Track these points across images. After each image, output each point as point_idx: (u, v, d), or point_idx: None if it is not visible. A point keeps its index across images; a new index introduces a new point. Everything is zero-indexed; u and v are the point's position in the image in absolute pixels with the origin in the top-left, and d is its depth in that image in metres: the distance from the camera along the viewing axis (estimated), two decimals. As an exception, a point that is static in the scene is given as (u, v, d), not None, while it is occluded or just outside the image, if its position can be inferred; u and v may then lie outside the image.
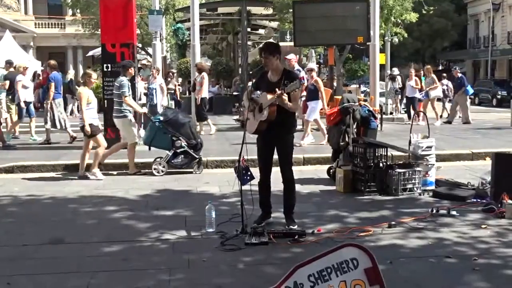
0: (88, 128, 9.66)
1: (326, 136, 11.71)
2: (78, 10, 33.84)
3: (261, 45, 6.73)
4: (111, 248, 5.76)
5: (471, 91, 20.22)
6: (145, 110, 11.17)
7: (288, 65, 12.77)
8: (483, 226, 6.42)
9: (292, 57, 13.93)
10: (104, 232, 6.37)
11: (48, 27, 51.08)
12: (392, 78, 22.08)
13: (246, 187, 6.26)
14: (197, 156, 10.13)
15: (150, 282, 4.82)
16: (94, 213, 7.29)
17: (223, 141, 13.71)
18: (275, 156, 6.52)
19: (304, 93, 13.08)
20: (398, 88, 21.76)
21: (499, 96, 38.44)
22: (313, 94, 13.01)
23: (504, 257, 5.33)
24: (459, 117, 20.28)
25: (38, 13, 51.05)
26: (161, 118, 10.01)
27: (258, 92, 6.29)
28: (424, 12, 30.11)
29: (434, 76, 19.53)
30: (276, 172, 6.60)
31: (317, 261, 3.91)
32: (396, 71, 23.36)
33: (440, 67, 65.71)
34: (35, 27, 50.48)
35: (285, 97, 6.02)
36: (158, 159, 10.09)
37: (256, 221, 6.40)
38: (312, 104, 12.97)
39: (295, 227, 6.30)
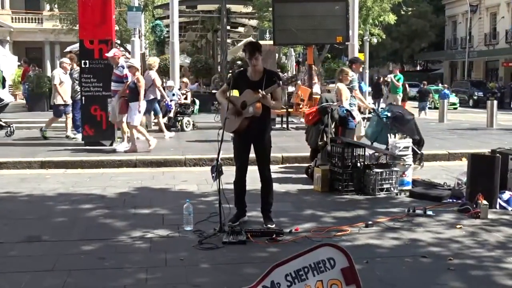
0: None
1: (150, 141, 11.40)
2: (56, 5, 33.49)
3: (248, 43, 6.73)
4: (88, 247, 5.72)
5: (364, 88, 20.57)
6: (372, 105, 11.06)
7: (112, 62, 11.95)
8: (458, 226, 6.49)
9: (113, 52, 12.02)
10: (81, 230, 6.33)
11: (25, 22, 50.51)
12: (387, 85, 24.14)
13: (224, 186, 6.26)
14: (419, 152, 9.91)
15: (127, 280, 4.80)
16: (71, 211, 7.23)
17: (202, 139, 13.68)
18: (251, 155, 6.55)
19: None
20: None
21: (475, 97, 39.00)
22: (134, 94, 11.35)
23: (479, 257, 5.41)
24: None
25: (15, 7, 50.43)
26: (388, 114, 9.92)
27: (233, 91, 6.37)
28: (402, 13, 30.35)
29: (314, 72, 18.77)
30: (252, 171, 6.62)
31: (294, 261, 3.93)
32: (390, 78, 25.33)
33: (418, 68, 66.27)
34: (12, 22, 49.86)
35: (268, 97, 6.15)
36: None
37: (231, 220, 6.41)
38: (133, 105, 11.38)
39: (273, 226, 6.31)
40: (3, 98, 14.57)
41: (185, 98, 16.46)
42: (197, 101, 17.10)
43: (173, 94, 16.06)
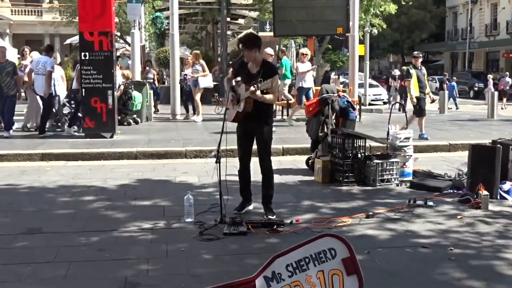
0: None
1: None
2: (56, -3, 33.45)
3: (240, 36, 6.72)
4: (89, 238, 5.72)
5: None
6: None
7: None
8: (459, 216, 6.50)
9: None
10: (82, 222, 6.33)
11: (25, 14, 50.33)
12: (394, 78, 25.02)
13: (225, 177, 6.25)
14: None
15: (128, 272, 4.80)
16: (72, 203, 7.23)
17: (202, 131, 13.68)
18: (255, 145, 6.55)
19: None
20: (398, 86, 24.34)
21: (476, 88, 38.94)
22: None
23: (479, 248, 5.41)
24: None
25: (14, 0, 50.27)
26: None
27: (239, 78, 6.32)
28: (403, 3, 30.27)
29: (203, 62, 16.53)
30: (254, 163, 6.62)
31: (295, 251, 3.92)
32: (397, 72, 26.39)
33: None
34: (12, 14, 49.71)
35: (259, 93, 6.10)
36: None
37: (237, 208, 6.47)
38: None
39: (274, 217, 6.32)
40: None
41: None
42: (136, 97, 15.47)
43: None
